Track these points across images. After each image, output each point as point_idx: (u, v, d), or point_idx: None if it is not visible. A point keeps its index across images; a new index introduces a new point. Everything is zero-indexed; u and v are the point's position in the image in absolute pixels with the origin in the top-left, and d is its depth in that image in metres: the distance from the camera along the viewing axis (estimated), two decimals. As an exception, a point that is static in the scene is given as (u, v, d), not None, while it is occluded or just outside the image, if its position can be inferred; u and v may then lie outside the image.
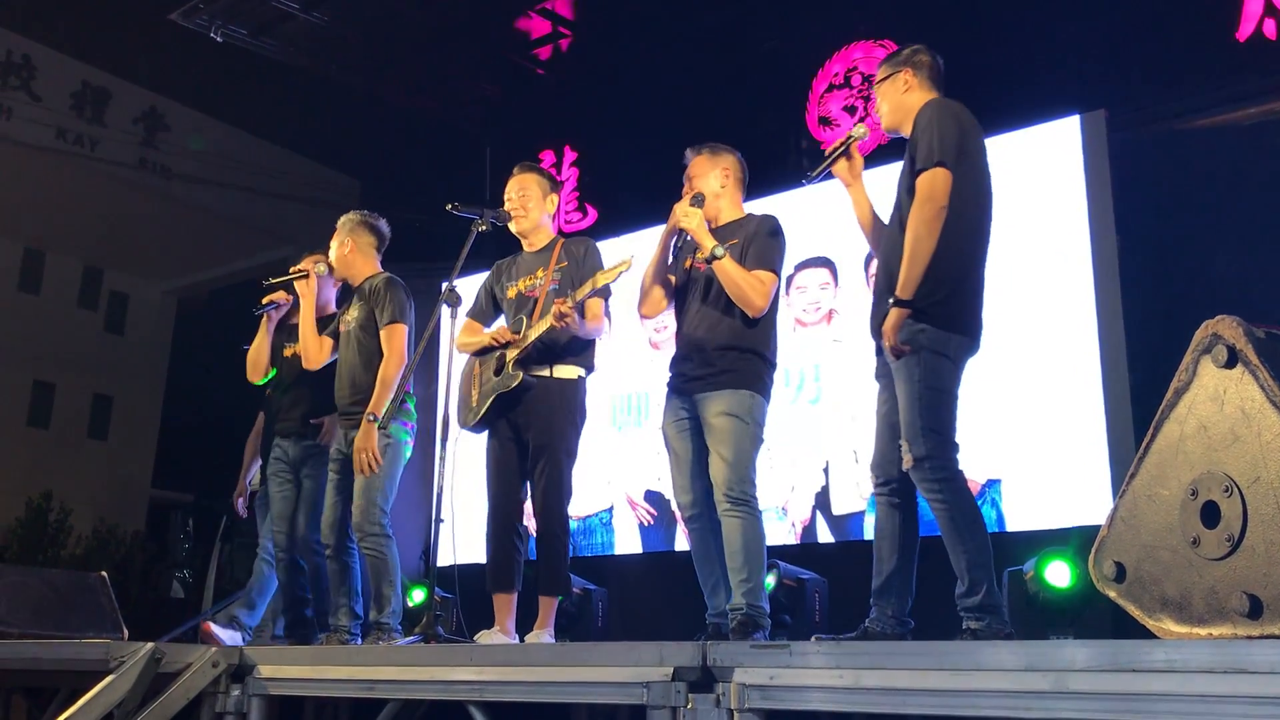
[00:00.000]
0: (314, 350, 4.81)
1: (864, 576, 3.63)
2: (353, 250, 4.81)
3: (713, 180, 3.92)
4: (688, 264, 3.93)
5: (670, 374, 3.92)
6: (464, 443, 4.41)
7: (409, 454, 4.61)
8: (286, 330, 5.21)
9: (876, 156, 4.23)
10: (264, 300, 5.14)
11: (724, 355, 3.73)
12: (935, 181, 3.16)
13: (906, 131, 3.42)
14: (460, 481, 4.23)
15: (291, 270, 4.97)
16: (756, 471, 3.72)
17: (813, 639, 3.13)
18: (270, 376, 5.21)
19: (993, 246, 3.54)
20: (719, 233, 3.83)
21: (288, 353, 5.10)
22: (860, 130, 3.58)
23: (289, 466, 4.96)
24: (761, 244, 3.79)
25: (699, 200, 3.82)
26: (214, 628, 4.84)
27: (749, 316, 3.74)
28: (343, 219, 4.91)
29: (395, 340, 4.52)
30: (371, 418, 4.38)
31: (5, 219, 18.80)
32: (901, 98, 3.47)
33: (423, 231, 7.96)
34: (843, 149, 3.57)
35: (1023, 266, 5.70)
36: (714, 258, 3.69)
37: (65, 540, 17.84)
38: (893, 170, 3.51)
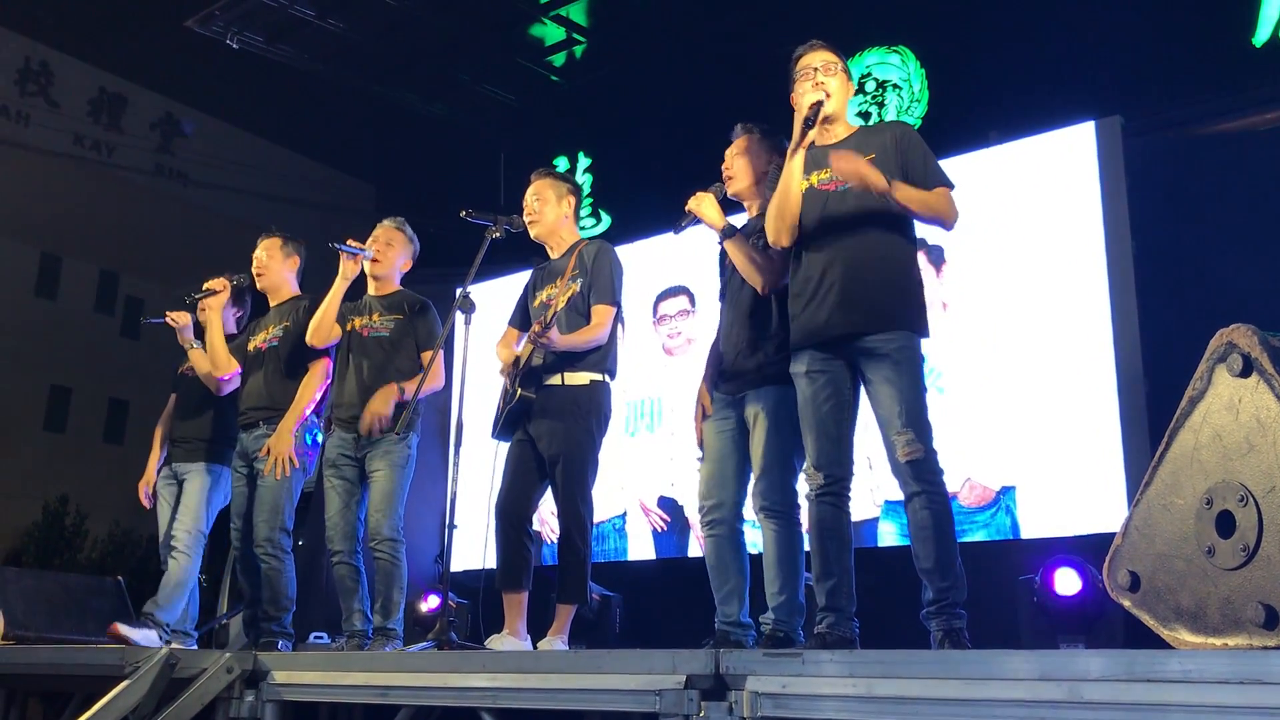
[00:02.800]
0: (326, 332, 4.78)
1: (877, 584, 3.61)
2: (405, 265, 4.84)
3: (752, 162, 3.85)
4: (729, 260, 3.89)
5: (712, 368, 3.81)
6: (483, 449, 4.42)
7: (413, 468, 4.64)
8: (249, 326, 5.21)
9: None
10: (204, 288, 5.15)
11: (762, 350, 3.63)
12: (952, 202, 3.36)
13: (839, 130, 3.53)
14: (481, 488, 4.24)
15: (353, 243, 4.78)
16: (799, 475, 3.57)
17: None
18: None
19: (1009, 253, 3.57)
20: (753, 223, 3.78)
21: (250, 346, 5.06)
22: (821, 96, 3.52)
23: (244, 458, 4.90)
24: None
25: (719, 190, 3.80)
26: (122, 628, 4.66)
27: (780, 305, 3.64)
28: (402, 227, 4.86)
29: (438, 362, 4.56)
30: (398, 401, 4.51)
31: (23, 224, 18.91)
32: (848, 100, 3.61)
33: (437, 237, 7.98)
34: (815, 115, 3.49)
35: (1037, 273, 5.69)
36: (724, 235, 3.67)
37: (81, 544, 17.92)
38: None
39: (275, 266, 5.14)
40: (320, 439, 4.91)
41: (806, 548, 3.44)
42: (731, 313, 3.77)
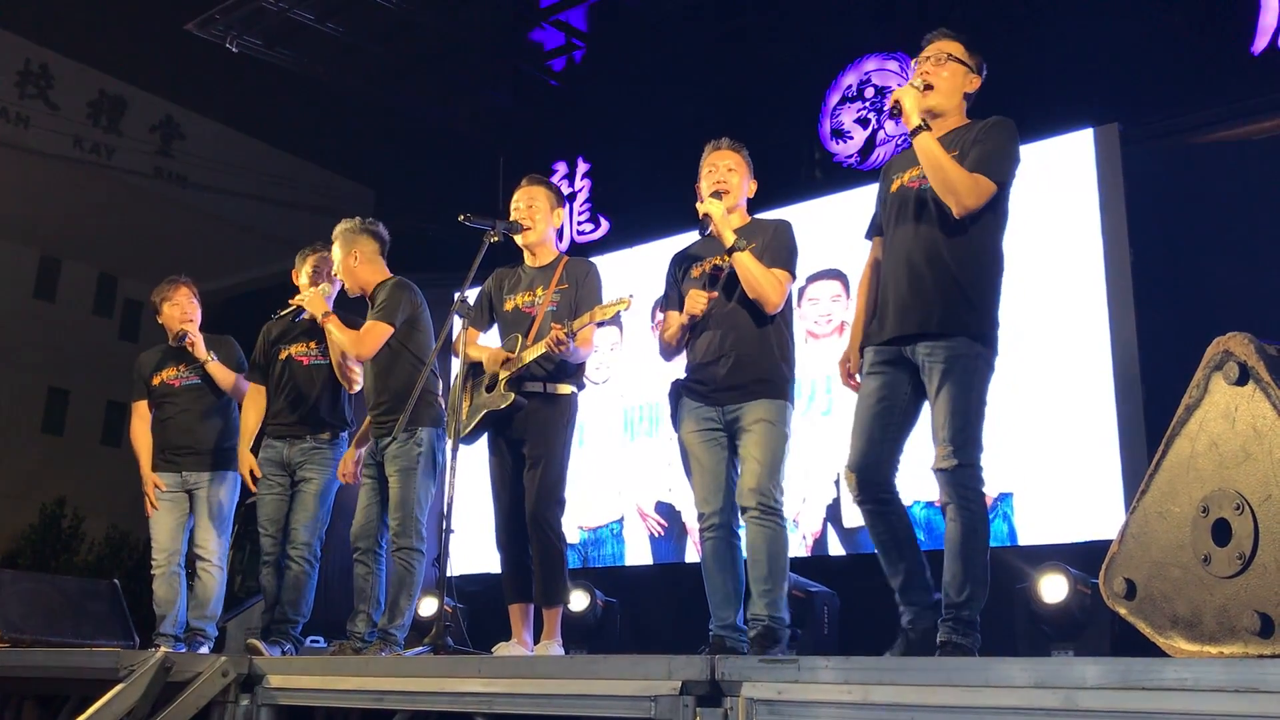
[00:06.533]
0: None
1: (875, 589, 3.62)
2: (360, 261, 4.75)
3: (744, 181, 3.91)
4: (696, 272, 3.90)
5: (688, 378, 3.84)
6: (480, 454, 4.41)
7: (441, 460, 4.60)
8: (282, 334, 5.14)
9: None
10: (281, 315, 5.06)
11: (756, 365, 3.69)
12: (986, 189, 3.21)
13: (936, 121, 3.38)
14: (473, 492, 4.24)
15: (294, 303, 4.89)
16: (784, 481, 3.67)
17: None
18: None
19: (1007, 259, 3.54)
20: (737, 234, 3.79)
21: (283, 355, 5.05)
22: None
23: (281, 468, 4.93)
24: (779, 245, 3.78)
25: (718, 195, 3.81)
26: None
27: (769, 322, 3.71)
28: (339, 230, 4.83)
29: (369, 334, 4.55)
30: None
31: (22, 226, 18.92)
32: (961, 91, 3.43)
33: (435, 241, 7.98)
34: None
35: (1036, 279, 5.69)
36: (735, 249, 3.67)
37: (78, 547, 17.90)
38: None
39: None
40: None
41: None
42: (718, 323, 3.77)
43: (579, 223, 8.52)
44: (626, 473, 7.13)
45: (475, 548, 5.74)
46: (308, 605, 4.81)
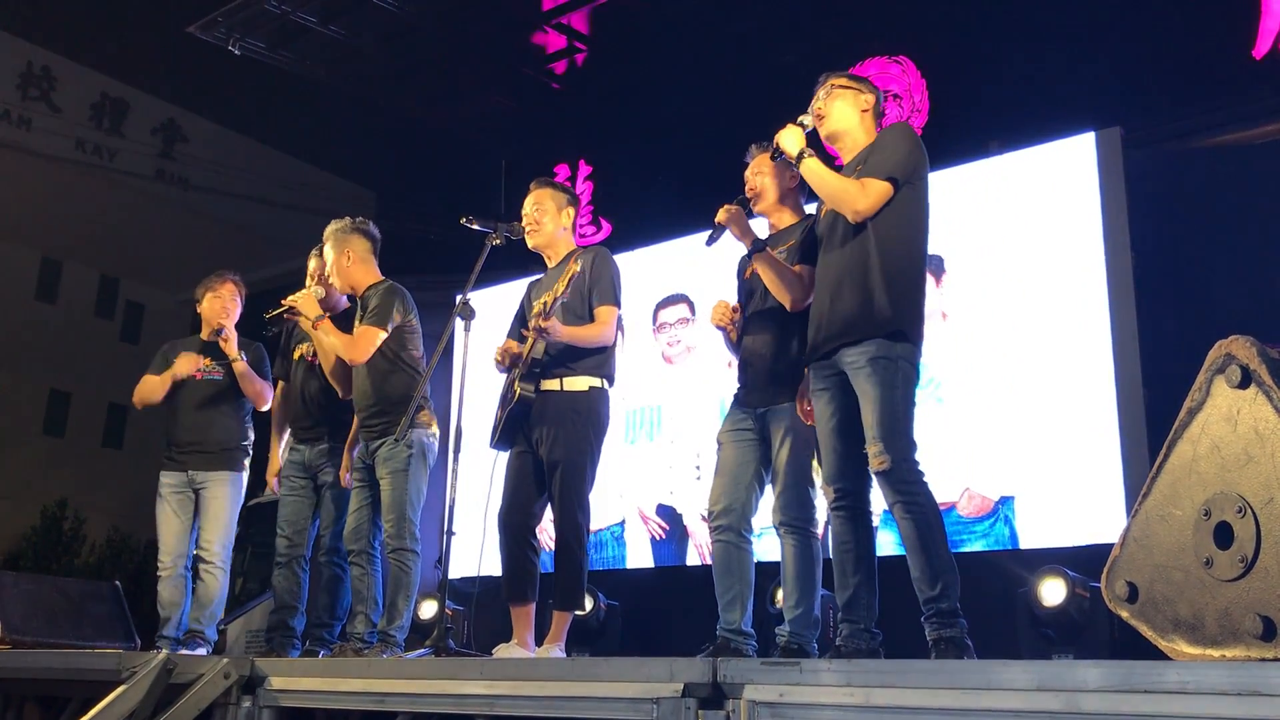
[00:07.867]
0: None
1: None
2: (354, 261, 4.75)
3: (778, 177, 3.87)
4: (748, 273, 3.90)
5: (737, 385, 3.86)
6: (482, 456, 4.41)
7: (432, 461, 4.61)
8: (296, 333, 5.13)
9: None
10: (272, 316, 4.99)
11: (784, 364, 3.68)
12: (875, 190, 3.33)
13: (844, 145, 3.62)
14: (479, 495, 4.23)
15: (286, 303, 4.84)
16: (818, 490, 3.65)
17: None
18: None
19: (1009, 263, 3.57)
20: (780, 236, 3.81)
21: (296, 355, 5.04)
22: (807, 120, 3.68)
23: (304, 470, 4.93)
24: (810, 242, 3.72)
25: (742, 201, 3.81)
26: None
27: (801, 321, 3.66)
28: (331, 230, 4.83)
29: (362, 339, 4.54)
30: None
31: (24, 228, 18.94)
32: (857, 111, 3.63)
33: (438, 244, 7.99)
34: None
35: (1037, 283, 5.69)
36: (753, 250, 3.67)
37: (79, 549, 17.92)
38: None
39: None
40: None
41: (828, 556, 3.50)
42: (755, 325, 3.80)
43: (581, 225, 8.52)
44: (628, 475, 7.13)
45: (476, 550, 5.74)
46: (343, 608, 4.81)
